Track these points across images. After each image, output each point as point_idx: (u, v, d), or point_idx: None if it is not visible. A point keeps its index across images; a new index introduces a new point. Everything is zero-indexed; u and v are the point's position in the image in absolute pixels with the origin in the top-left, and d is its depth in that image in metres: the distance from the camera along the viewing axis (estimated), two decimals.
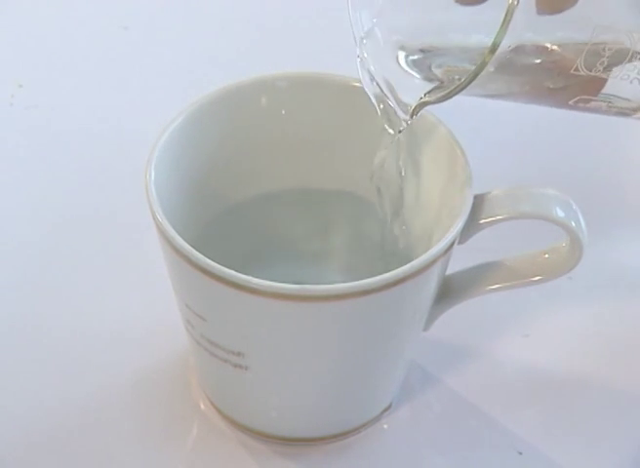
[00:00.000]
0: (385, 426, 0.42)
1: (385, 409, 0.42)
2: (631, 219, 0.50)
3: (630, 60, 0.35)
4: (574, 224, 0.37)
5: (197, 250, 0.34)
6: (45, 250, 0.47)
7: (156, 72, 0.56)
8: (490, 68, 0.33)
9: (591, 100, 0.37)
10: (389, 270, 0.34)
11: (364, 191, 0.42)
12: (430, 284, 0.37)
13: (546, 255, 0.39)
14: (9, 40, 0.58)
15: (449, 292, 0.40)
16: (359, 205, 0.43)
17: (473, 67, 0.33)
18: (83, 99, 0.54)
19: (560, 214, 0.37)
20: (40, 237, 0.48)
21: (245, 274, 0.34)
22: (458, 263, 0.39)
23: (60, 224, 0.48)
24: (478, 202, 0.37)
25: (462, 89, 0.34)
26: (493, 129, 0.53)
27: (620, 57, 0.35)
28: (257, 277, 0.34)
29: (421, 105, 0.37)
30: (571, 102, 0.37)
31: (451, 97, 0.34)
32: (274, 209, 0.43)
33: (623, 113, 0.38)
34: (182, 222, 0.38)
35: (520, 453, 0.41)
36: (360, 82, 0.40)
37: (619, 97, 0.37)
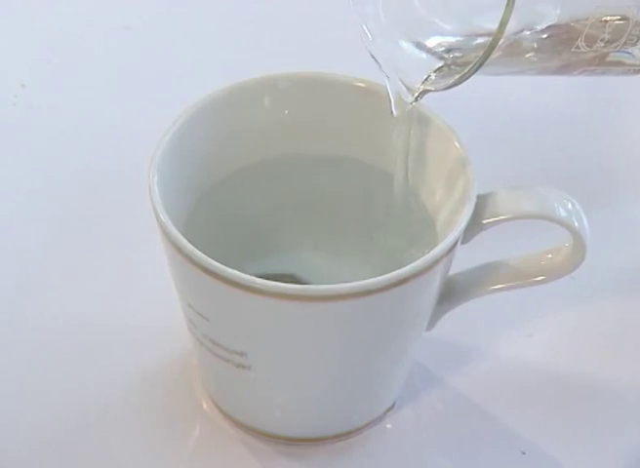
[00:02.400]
0: (388, 426, 0.42)
1: (388, 409, 0.42)
2: (634, 219, 0.50)
3: (630, 33, 0.35)
4: (577, 224, 0.37)
5: (199, 248, 0.34)
6: (48, 249, 0.47)
7: (159, 72, 0.56)
8: (497, 51, 0.33)
9: (595, 70, 0.37)
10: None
11: (369, 190, 0.42)
12: (433, 284, 0.37)
13: (549, 256, 0.40)
14: (11, 40, 0.58)
15: (452, 291, 0.40)
16: (362, 204, 0.43)
17: (481, 52, 0.33)
18: (86, 99, 0.54)
19: (563, 214, 0.37)
20: (42, 237, 0.48)
21: (248, 267, 0.34)
22: (461, 263, 0.39)
23: (62, 224, 0.48)
24: (481, 202, 0.37)
25: (472, 74, 0.34)
26: (496, 129, 0.53)
27: (621, 31, 0.35)
28: (260, 270, 0.34)
29: (426, 92, 0.37)
30: (575, 73, 0.37)
31: (460, 82, 0.34)
32: (278, 209, 0.43)
33: (626, 74, 0.38)
34: (185, 222, 0.38)
35: (523, 453, 0.41)
36: (363, 82, 0.40)
37: (621, 64, 0.37)
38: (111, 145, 0.52)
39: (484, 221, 0.37)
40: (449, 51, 0.38)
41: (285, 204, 0.43)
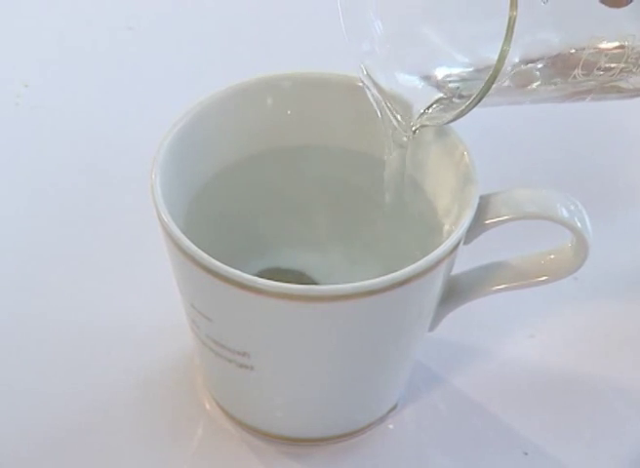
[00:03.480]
0: (391, 426, 0.42)
1: (391, 410, 0.42)
2: (636, 220, 0.50)
3: (627, 61, 0.36)
4: (579, 225, 0.37)
5: (202, 248, 0.34)
6: (50, 249, 0.47)
7: (161, 72, 0.56)
8: (501, 81, 0.33)
9: (594, 97, 0.37)
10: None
11: (371, 189, 0.42)
12: (436, 284, 0.37)
13: (552, 256, 0.40)
14: (14, 40, 0.58)
15: (454, 292, 0.40)
16: (366, 203, 0.43)
17: (480, 86, 0.33)
18: (88, 100, 0.54)
19: (565, 214, 0.37)
20: (45, 237, 0.48)
21: (254, 263, 0.34)
22: (463, 263, 0.39)
23: (64, 224, 0.49)
24: (484, 202, 0.37)
25: (473, 106, 0.34)
26: (498, 129, 0.53)
27: (617, 60, 0.36)
28: (267, 265, 0.34)
29: (424, 126, 0.37)
30: (571, 100, 0.37)
31: (460, 116, 0.35)
32: (280, 207, 0.43)
33: (622, 98, 0.38)
34: (187, 222, 0.38)
35: (525, 454, 0.41)
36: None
37: (618, 89, 0.37)
38: (113, 145, 0.52)
39: (486, 222, 0.37)
40: (449, 82, 0.38)
41: (286, 203, 0.43)
